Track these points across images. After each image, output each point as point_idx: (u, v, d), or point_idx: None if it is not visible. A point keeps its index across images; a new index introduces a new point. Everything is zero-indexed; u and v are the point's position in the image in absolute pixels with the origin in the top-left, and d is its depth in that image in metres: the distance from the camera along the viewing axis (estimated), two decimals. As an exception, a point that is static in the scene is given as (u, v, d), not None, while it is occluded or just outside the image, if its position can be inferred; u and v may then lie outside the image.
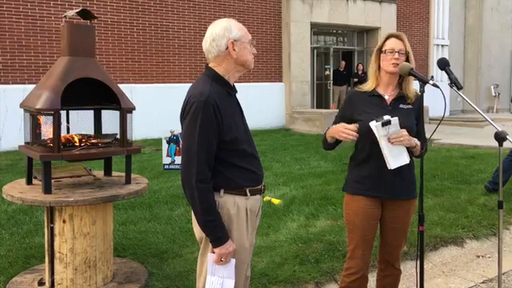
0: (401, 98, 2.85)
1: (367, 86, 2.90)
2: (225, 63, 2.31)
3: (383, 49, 2.82)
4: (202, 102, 2.15)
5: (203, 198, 2.16)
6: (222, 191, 2.24)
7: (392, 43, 2.80)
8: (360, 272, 2.83)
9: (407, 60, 2.81)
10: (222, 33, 2.27)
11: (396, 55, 2.77)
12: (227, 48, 2.27)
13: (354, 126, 2.69)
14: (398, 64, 2.76)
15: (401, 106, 2.83)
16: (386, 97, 2.85)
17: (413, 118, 2.83)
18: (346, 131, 2.68)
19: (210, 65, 2.35)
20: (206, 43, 2.32)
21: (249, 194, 2.31)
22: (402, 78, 2.87)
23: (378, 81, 2.88)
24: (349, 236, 2.89)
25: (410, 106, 2.84)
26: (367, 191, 2.81)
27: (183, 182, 2.20)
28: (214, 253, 2.23)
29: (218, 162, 2.22)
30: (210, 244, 2.24)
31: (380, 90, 2.87)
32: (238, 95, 2.45)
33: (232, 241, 2.24)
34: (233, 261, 2.25)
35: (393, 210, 2.87)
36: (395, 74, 2.82)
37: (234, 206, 2.27)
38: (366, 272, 2.88)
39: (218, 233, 2.20)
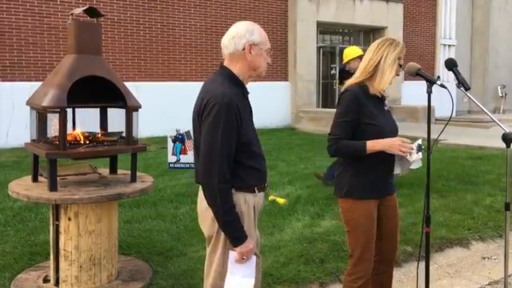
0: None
1: (357, 82, 2.80)
2: (239, 64, 2.34)
3: (400, 55, 2.78)
4: (225, 104, 2.18)
5: (224, 198, 2.20)
6: (233, 190, 2.27)
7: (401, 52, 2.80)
8: (368, 275, 2.81)
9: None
10: (244, 33, 2.32)
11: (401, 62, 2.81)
12: (244, 49, 2.31)
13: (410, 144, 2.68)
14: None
15: (387, 106, 2.91)
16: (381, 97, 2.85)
17: None
18: (407, 147, 2.65)
19: (224, 63, 2.39)
20: (226, 39, 2.36)
21: (256, 192, 2.37)
22: None
23: (375, 81, 2.77)
24: (353, 241, 2.81)
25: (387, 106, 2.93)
26: (372, 194, 2.79)
27: (204, 182, 2.23)
28: (231, 252, 2.27)
29: (235, 159, 2.26)
30: (229, 243, 2.27)
31: (375, 91, 2.80)
32: None
33: None
34: (253, 258, 2.29)
35: (386, 207, 2.89)
36: None
37: (245, 203, 2.32)
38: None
39: (238, 232, 2.24)
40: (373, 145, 2.67)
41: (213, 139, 2.18)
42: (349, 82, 2.83)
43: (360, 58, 6.22)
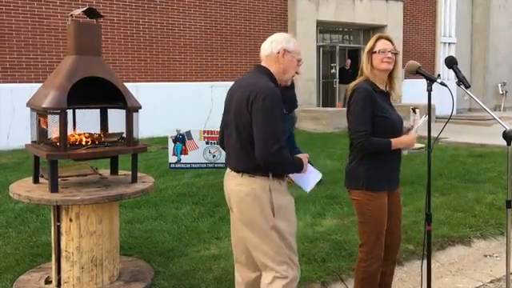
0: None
1: (363, 80, 2.97)
2: (273, 67, 2.67)
3: (375, 49, 2.95)
4: (275, 93, 2.52)
5: (286, 156, 2.52)
6: (270, 175, 2.58)
7: (383, 44, 2.96)
8: (381, 261, 2.98)
9: (395, 60, 2.99)
10: (281, 40, 2.68)
11: (389, 54, 2.93)
12: (279, 52, 2.65)
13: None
14: (390, 62, 2.94)
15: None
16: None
17: None
18: (415, 142, 3.00)
19: (262, 63, 2.71)
20: (267, 42, 2.71)
21: (286, 178, 2.73)
22: (390, 77, 3.05)
23: (374, 79, 2.97)
24: (368, 230, 2.96)
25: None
26: (385, 186, 2.96)
27: (267, 153, 2.46)
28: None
29: None
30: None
31: (381, 87, 2.99)
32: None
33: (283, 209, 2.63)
34: (310, 167, 2.78)
35: (392, 198, 3.03)
36: (388, 71, 2.98)
37: (281, 185, 2.64)
38: None
39: (299, 165, 2.66)
40: (396, 144, 2.90)
41: (270, 120, 2.47)
42: (357, 81, 2.98)
43: None
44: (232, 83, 2.85)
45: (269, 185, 2.57)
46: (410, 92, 16.26)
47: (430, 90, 2.78)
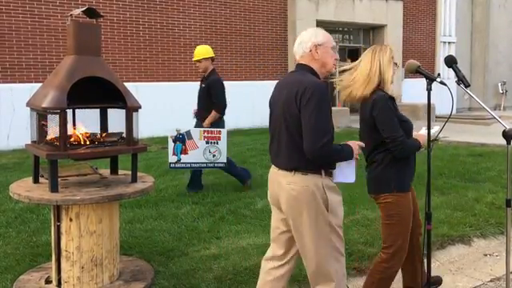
0: None
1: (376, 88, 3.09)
2: (312, 64, 2.72)
3: (395, 61, 3.13)
4: (323, 89, 2.57)
5: (334, 148, 2.57)
6: (323, 172, 2.63)
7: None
8: (401, 264, 3.12)
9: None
10: (308, 38, 2.72)
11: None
12: (311, 50, 2.70)
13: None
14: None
15: None
16: None
17: None
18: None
19: (300, 61, 2.74)
20: (295, 45, 2.77)
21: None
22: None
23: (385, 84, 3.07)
24: (396, 233, 3.02)
25: None
26: (409, 186, 3.09)
27: (317, 146, 2.49)
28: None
29: None
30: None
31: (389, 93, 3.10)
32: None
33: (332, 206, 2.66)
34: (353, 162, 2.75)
35: (412, 193, 3.19)
36: None
37: (331, 182, 2.69)
38: None
39: (349, 150, 2.66)
40: (420, 141, 3.06)
41: (318, 114, 2.50)
42: (369, 90, 3.04)
43: (212, 59, 6.23)
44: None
45: (322, 182, 2.61)
46: (409, 91, 16.26)
47: (429, 90, 2.78)
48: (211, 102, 6.07)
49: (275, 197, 2.77)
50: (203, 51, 6.21)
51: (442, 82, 2.76)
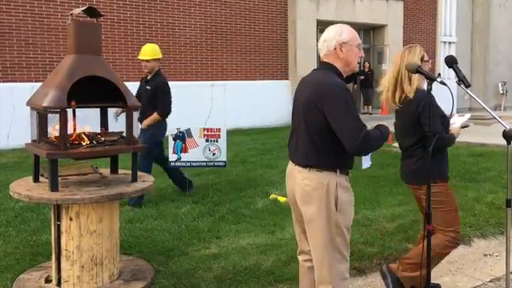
0: None
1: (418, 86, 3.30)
2: (336, 62, 2.70)
3: (426, 59, 3.30)
4: (342, 87, 2.59)
5: (372, 134, 2.61)
6: (338, 171, 2.66)
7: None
8: None
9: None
10: (333, 35, 2.69)
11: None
12: (335, 48, 2.68)
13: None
14: None
15: None
16: None
17: None
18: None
19: (324, 60, 2.74)
20: (320, 42, 2.75)
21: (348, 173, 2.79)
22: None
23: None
24: (453, 217, 3.37)
25: None
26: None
27: (357, 142, 2.52)
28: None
29: (341, 143, 2.57)
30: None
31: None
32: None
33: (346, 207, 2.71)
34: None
35: None
36: None
37: (347, 181, 2.74)
38: None
39: (386, 131, 2.72)
40: (455, 134, 3.39)
41: (346, 113, 2.54)
42: (414, 87, 3.23)
43: (158, 60, 5.80)
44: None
45: (336, 180, 2.64)
46: (410, 91, 16.25)
47: (429, 90, 2.78)
48: (155, 105, 5.70)
49: (291, 192, 2.82)
50: (153, 51, 5.82)
51: (442, 82, 2.75)
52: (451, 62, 2.86)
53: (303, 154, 2.69)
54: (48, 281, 3.54)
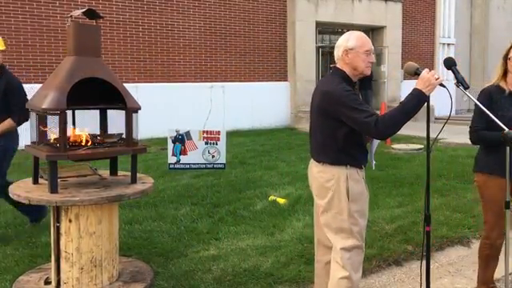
0: None
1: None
2: (344, 66, 2.89)
3: (509, 56, 3.46)
4: (343, 90, 2.73)
5: (384, 118, 2.66)
6: (348, 165, 2.84)
7: None
8: (502, 238, 3.31)
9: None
10: (341, 42, 2.89)
11: None
12: (342, 54, 2.87)
13: None
14: None
15: None
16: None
17: None
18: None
19: (337, 65, 2.93)
20: (335, 49, 2.94)
21: (363, 167, 2.97)
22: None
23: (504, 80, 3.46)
24: (485, 210, 3.38)
25: None
26: (499, 171, 3.17)
27: (371, 128, 2.64)
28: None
29: (350, 143, 2.82)
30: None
31: (505, 87, 3.45)
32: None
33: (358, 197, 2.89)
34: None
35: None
36: None
37: (358, 174, 2.89)
38: None
39: (416, 94, 2.73)
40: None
41: (352, 110, 2.68)
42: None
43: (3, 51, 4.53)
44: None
45: (346, 173, 2.84)
46: (408, 93, 16.25)
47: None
48: (5, 106, 4.50)
49: (311, 184, 3.07)
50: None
51: (441, 84, 2.76)
52: (450, 63, 2.86)
53: (318, 151, 2.96)
54: (47, 282, 3.54)
